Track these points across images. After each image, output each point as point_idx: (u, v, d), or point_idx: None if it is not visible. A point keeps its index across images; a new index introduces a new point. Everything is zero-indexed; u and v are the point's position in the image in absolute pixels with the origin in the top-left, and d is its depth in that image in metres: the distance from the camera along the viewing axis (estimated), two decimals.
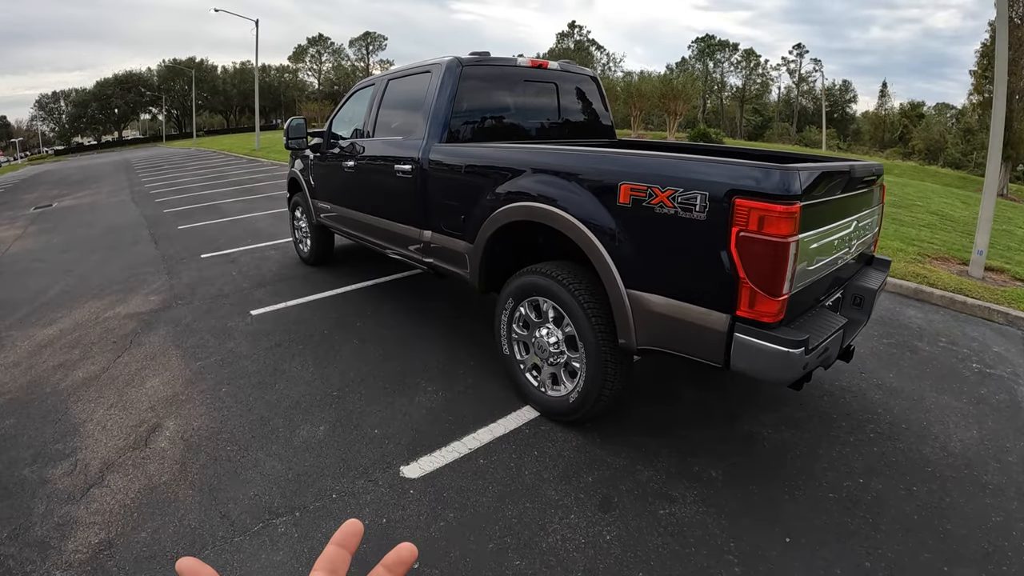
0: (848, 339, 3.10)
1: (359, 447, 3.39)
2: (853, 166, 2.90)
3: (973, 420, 3.77)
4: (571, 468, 3.18)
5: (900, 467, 3.23)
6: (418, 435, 3.50)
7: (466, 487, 3.04)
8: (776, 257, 2.31)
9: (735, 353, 2.50)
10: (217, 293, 6.44)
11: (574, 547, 2.62)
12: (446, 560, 2.55)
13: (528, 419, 3.65)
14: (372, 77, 5.72)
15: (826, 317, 2.86)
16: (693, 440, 3.44)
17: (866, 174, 3.13)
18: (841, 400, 3.96)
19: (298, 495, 2.97)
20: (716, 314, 2.54)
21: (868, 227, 3.44)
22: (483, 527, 2.75)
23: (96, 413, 3.87)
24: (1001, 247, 9.51)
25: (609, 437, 3.46)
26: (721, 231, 2.44)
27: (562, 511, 2.85)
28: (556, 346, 3.42)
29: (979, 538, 2.70)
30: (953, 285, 6.53)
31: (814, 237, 2.54)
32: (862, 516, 2.83)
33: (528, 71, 4.80)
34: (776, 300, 2.37)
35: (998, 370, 4.57)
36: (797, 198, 2.30)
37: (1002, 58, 7.33)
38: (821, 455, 3.32)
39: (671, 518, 2.80)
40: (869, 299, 3.37)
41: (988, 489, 3.06)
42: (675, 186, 2.60)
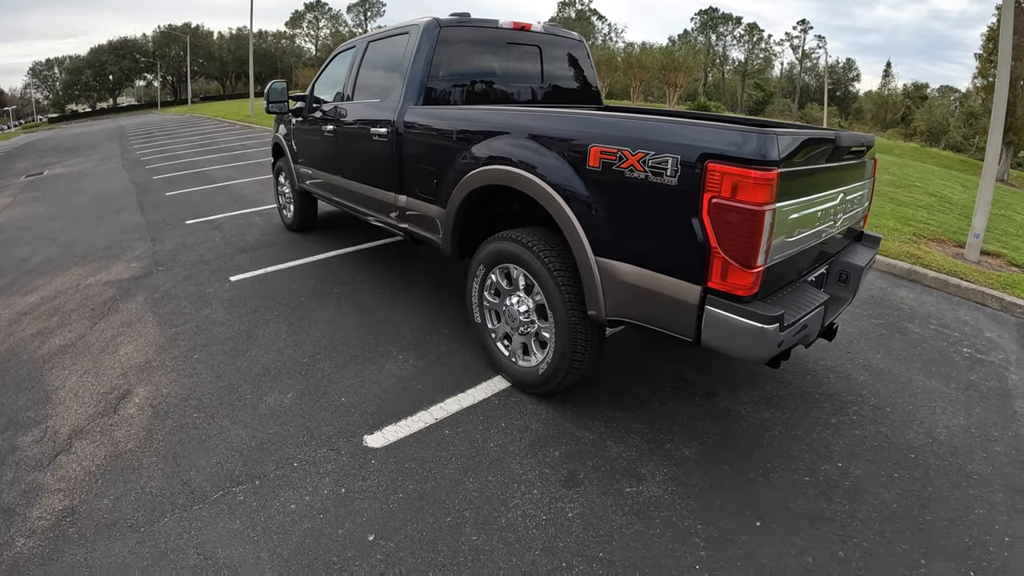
0: (831, 317, 2.99)
1: (325, 415, 3.33)
2: (839, 134, 2.75)
3: (961, 407, 3.66)
4: (538, 441, 3.10)
5: (882, 452, 3.14)
6: (385, 404, 3.43)
7: (429, 458, 2.97)
8: (750, 226, 2.18)
9: (706, 327, 2.39)
10: (198, 259, 6.37)
11: (534, 524, 2.54)
12: (402, 533, 2.49)
13: (498, 390, 3.57)
14: (354, 39, 5.57)
15: (807, 293, 2.75)
16: (668, 416, 3.34)
17: (854, 144, 2.98)
18: (825, 380, 3.87)
19: (260, 464, 2.93)
20: (687, 285, 2.42)
21: (856, 201, 3.31)
22: (442, 500, 2.68)
23: (69, 380, 3.85)
24: (998, 231, 9.42)
25: (581, 410, 3.37)
26: (693, 197, 2.31)
27: (525, 486, 2.77)
28: (526, 315, 3.32)
29: (960, 531, 2.61)
30: (948, 267, 6.43)
31: (794, 207, 2.41)
32: (839, 502, 2.74)
33: (510, 33, 4.66)
34: (750, 272, 2.25)
35: (989, 356, 4.47)
36: (775, 164, 2.17)
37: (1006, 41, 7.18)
38: (800, 436, 3.22)
39: (638, 497, 2.71)
40: (856, 276, 3.26)
41: (973, 479, 2.97)
42: (646, 149, 2.47)
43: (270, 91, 6.10)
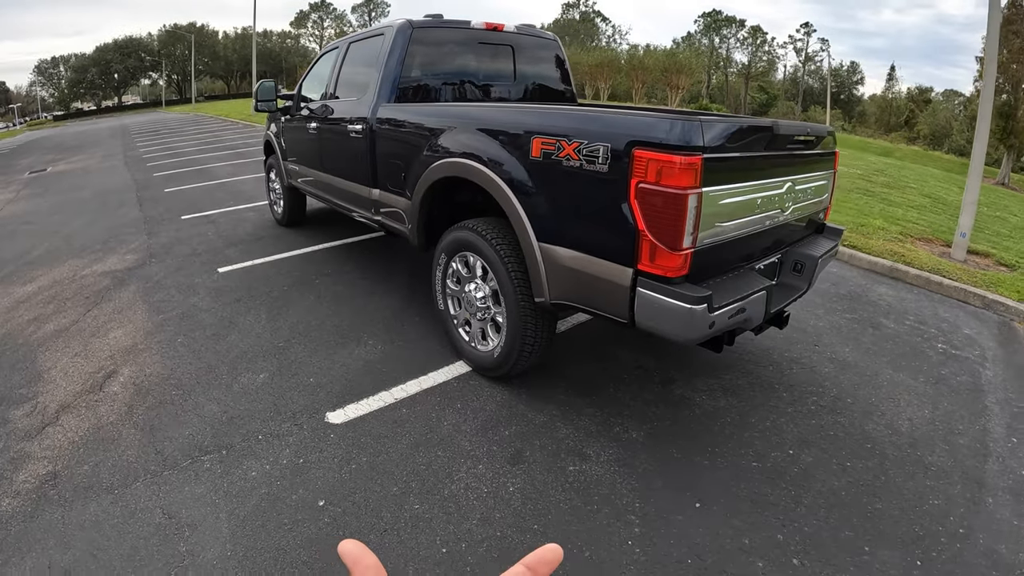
0: (779, 304, 3.07)
1: (293, 394, 3.48)
2: (777, 123, 2.83)
3: (927, 400, 3.68)
4: (490, 421, 3.21)
5: (837, 442, 3.17)
6: (350, 384, 3.57)
7: (384, 434, 3.10)
8: (674, 210, 2.28)
9: (639, 309, 2.48)
10: (190, 252, 6.51)
11: (475, 496, 2.66)
12: (350, 500, 2.63)
13: (459, 373, 3.69)
14: (337, 40, 5.70)
15: (748, 278, 2.83)
16: (621, 401, 3.43)
17: (797, 133, 3.05)
18: (787, 371, 3.92)
19: (227, 435, 3.10)
20: (620, 268, 2.52)
21: (811, 192, 3.36)
22: (392, 472, 2.81)
23: (61, 361, 4.04)
24: (991, 232, 9.42)
25: (536, 394, 3.47)
26: (622, 183, 2.42)
27: (471, 461, 2.89)
28: (483, 301, 3.43)
29: (911, 520, 2.62)
30: (931, 265, 6.44)
31: (727, 193, 2.50)
32: (785, 488, 2.78)
33: (482, 33, 4.78)
34: (677, 255, 2.34)
35: (964, 352, 4.48)
36: (699, 150, 2.27)
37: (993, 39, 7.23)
38: (753, 423, 3.28)
39: (580, 475, 2.80)
40: (810, 266, 3.31)
41: (931, 471, 2.98)
42: (581, 138, 2.58)
43: (259, 90, 6.23)
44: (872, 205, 10.07)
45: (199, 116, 40.26)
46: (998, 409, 3.68)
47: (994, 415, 3.60)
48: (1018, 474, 3.04)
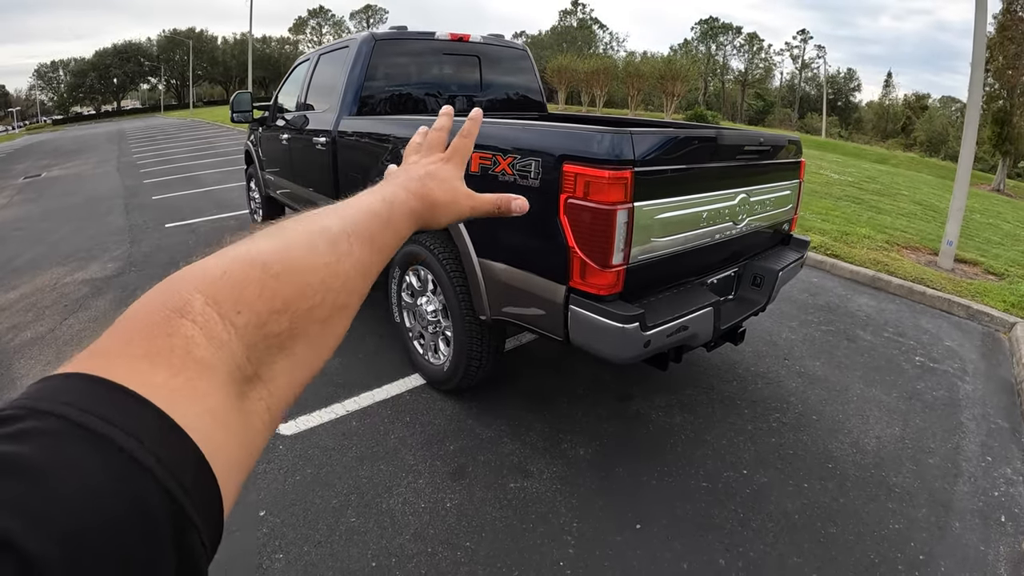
0: (732, 319, 3.03)
1: None
2: (721, 132, 2.78)
3: (898, 417, 3.57)
4: (437, 436, 3.19)
5: (795, 461, 3.07)
6: (305, 396, 3.50)
7: (331, 446, 3.10)
8: (603, 226, 2.25)
9: (572, 327, 2.46)
10: (168, 261, 6.53)
11: (412, 511, 2.65)
12: (289, 511, 2.64)
13: (412, 386, 3.68)
14: (309, 52, 5.72)
15: (695, 294, 2.80)
16: (574, 417, 3.39)
17: (746, 143, 2.98)
18: (751, 386, 3.82)
19: None
20: (553, 285, 2.50)
21: (769, 203, 3.31)
22: (334, 484, 2.81)
23: (35, 369, 4.05)
24: (981, 240, 9.39)
25: (486, 408, 3.45)
26: (553, 198, 2.40)
27: (413, 475, 2.88)
28: (433, 315, 3.42)
29: (867, 546, 2.52)
30: (914, 275, 6.34)
31: (663, 207, 2.47)
32: (733, 510, 2.70)
33: (447, 44, 4.77)
34: (607, 272, 2.31)
35: (943, 365, 4.36)
36: (630, 164, 2.24)
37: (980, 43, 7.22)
38: (708, 441, 3.20)
39: (519, 492, 2.77)
40: (770, 280, 3.27)
41: (894, 493, 2.87)
42: (514, 153, 2.57)
43: (235, 101, 6.27)
44: (860, 213, 10.04)
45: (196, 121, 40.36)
46: (974, 426, 3.58)
47: (969, 432, 3.50)
48: (990, 495, 2.94)
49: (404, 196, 0.64)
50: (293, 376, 0.44)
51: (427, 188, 0.67)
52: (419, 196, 0.65)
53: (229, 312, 0.39)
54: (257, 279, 0.42)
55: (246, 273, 0.42)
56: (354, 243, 0.52)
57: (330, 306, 0.47)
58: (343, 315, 0.50)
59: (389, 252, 0.59)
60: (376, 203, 0.60)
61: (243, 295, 0.41)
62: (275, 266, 0.44)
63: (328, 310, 0.47)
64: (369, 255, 0.54)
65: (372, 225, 0.56)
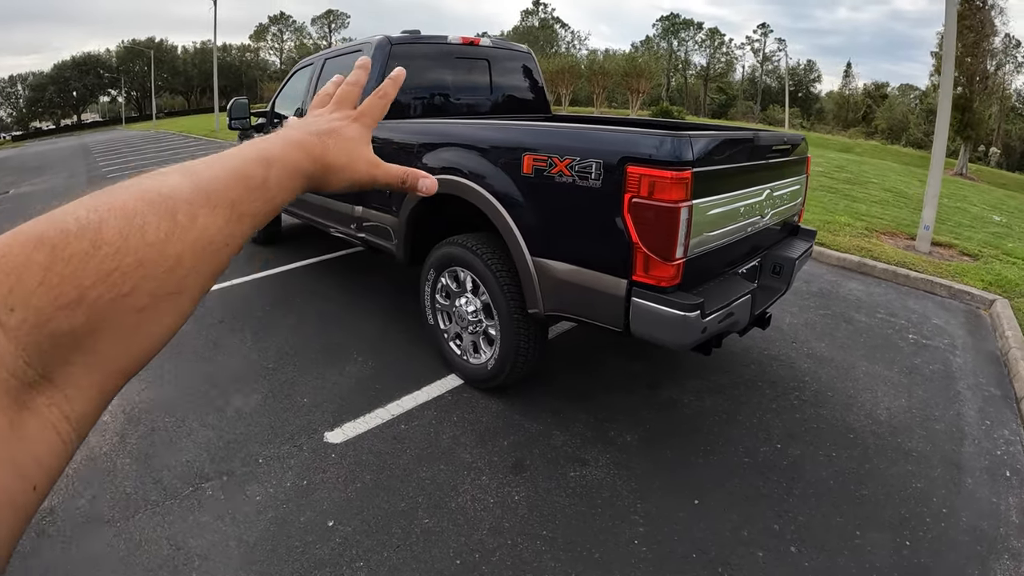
0: (761, 306, 3.18)
1: (288, 415, 3.45)
2: (758, 134, 2.98)
3: (903, 389, 3.84)
4: (488, 432, 3.26)
5: (821, 434, 3.30)
6: (345, 403, 3.57)
7: (385, 451, 3.12)
8: (667, 222, 2.38)
9: (634, 317, 2.56)
10: None
11: (482, 507, 2.71)
12: (359, 519, 2.64)
13: (452, 386, 3.73)
14: (312, 56, 5.72)
15: (733, 283, 2.94)
16: (613, 406, 3.51)
17: (775, 143, 3.19)
18: (768, 368, 4.05)
19: (226, 461, 3.05)
20: (614, 279, 2.61)
21: (786, 197, 3.50)
22: (397, 488, 2.83)
23: None
24: (952, 223, 9.69)
25: (529, 403, 3.53)
26: (615, 198, 2.51)
27: (474, 473, 2.94)
28: (474, 315, 3.49)
29: (896, 504, 2.77)
30: (897, 259, 6.65)
31: (713, 203, 2.60)
32: (776, 480, 2.90)
33: (459, 48, 4.84)
34: (670, 265, 2.43)
35: (935, 341, 4.67)
36: (689, 164, 2.37)
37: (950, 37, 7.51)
38: (740, 421, 3.40)
39: (581, 480, 2.88)
40: (788, 268, 3.45)
41: (911, 456, 3.13)
42: (573, 155, 2.66)
43: (232, 108, 6.20)
44: (836, 202, 10.33)
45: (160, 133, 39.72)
46: (970, 394, 3.87)
47: (967, 400, 3.78)
48: (993, 455, 3.22)
49: (295, 155, 0.56)
50: (101, 377, 0.37)
51: (324, 146, 0.60)
52: (313, 156, 0.58)
53: None
54: (41, 264, 0.34)
55: (28, 256, 0.34)
56: (201, 212, 0.43)
57: (149, 294, 0.38)
58: (174, 302, 0.40)
59: (259, 220, 0.50)
60: (250, 163, 0.51)
61: (20, 285, 0.33)
62: (69, 246, 0.35)
63: (146, 298, 0.38)
64: (224, 225, 0.45)
65: (235, 189, 0.48)
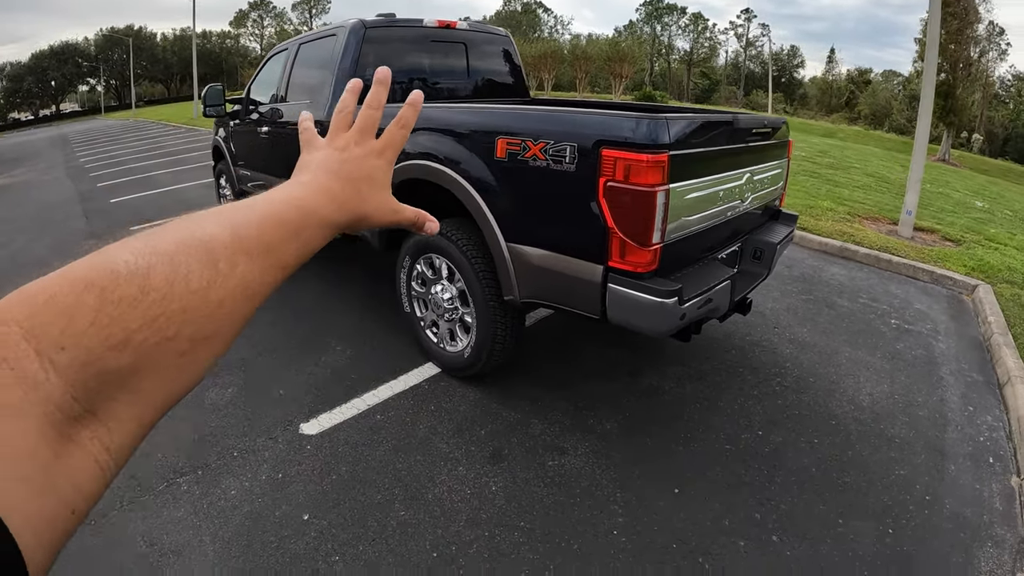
0: (742, 291, 3.15)
1: (264, 408, 3.40)
2: (737, 117, 2.93)
3: (886, 375, 3.83)
4: (465, 422, 3.22)
5: (803, 420, 3.28)
6: (321, 394, 3.52)
7: (361, 442, 3.08)
8: (643, 207, 2.33)
9: (610, 304, 2.52)
10: None
11: (459, 498, 2.67)
12: (335, 512, 2.60)
13: (429, 375, 3.68)
14: (286, 42, 5.61)
15: (713, 269, 2.90)
16: (592, 394, 3.48)
17: (755, 126, 3.15)
18: (750, 354, 4.02)
19: (201, 455, 3.01)
20: (590, 265, 2.56)
21: (767, 181, 3.46)
22: (373, 480, 2.79)
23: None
24: (935, 208, 9.75)
25: (507, 391, 3.49)
26: (590, 182, 2.45)
27: (451, 463, 2.90)
28: (450, 302, 3.44)
29: (879, 492, 2.75)
30: (880, 244, 6.66)
31: (691, 187, 2.55)
32: (758, 468, 2.88)
33: (435, 31, 4.74)
34: (647, 250, 2.39)
35: (917, 326, 4.67)
36: (666, 148, 2.32)
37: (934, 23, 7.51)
38: (722, 407, 3.38)
39: (559, 469, 2.84)
40: (769, 253, 3.41)
41: (894, 443, 3.12)
42: (546, 138, 2.60)
43: (207, 95, 6.10)
44: (819, 187, 10.34)
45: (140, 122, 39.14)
46: (953, 380, 3.86)
47: (949, 386, 3.78)
48: (976, 441, 3.21)
49: (327, 209, 0.54)
50: (141, 412, 0.39)
51: (360, 197, 0.58)
52: (346, 209, 0.56)
53: (49, 348, 0.34)
54: (92, 306, 0.35)
55: (78, 298, 0.35)
56: (240, 260, 0.44)
57: (189, 338, 0.40)
58: (210, 345, 0.42)
59: (292, 267, 0.50)
60: (288, 209, 0.50)
61: (71, 326, 0.35)
62: (118, 289, 0.37)
63: (187, 343, 0.40)
64: (260, 273, 0.46)
65: (274, 236, 0.48)
